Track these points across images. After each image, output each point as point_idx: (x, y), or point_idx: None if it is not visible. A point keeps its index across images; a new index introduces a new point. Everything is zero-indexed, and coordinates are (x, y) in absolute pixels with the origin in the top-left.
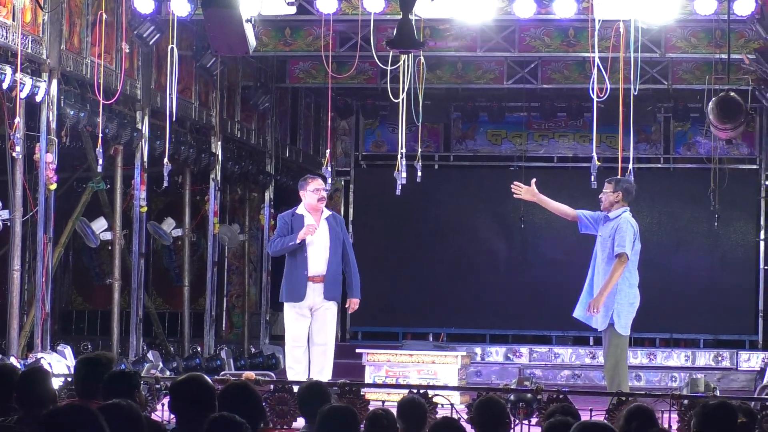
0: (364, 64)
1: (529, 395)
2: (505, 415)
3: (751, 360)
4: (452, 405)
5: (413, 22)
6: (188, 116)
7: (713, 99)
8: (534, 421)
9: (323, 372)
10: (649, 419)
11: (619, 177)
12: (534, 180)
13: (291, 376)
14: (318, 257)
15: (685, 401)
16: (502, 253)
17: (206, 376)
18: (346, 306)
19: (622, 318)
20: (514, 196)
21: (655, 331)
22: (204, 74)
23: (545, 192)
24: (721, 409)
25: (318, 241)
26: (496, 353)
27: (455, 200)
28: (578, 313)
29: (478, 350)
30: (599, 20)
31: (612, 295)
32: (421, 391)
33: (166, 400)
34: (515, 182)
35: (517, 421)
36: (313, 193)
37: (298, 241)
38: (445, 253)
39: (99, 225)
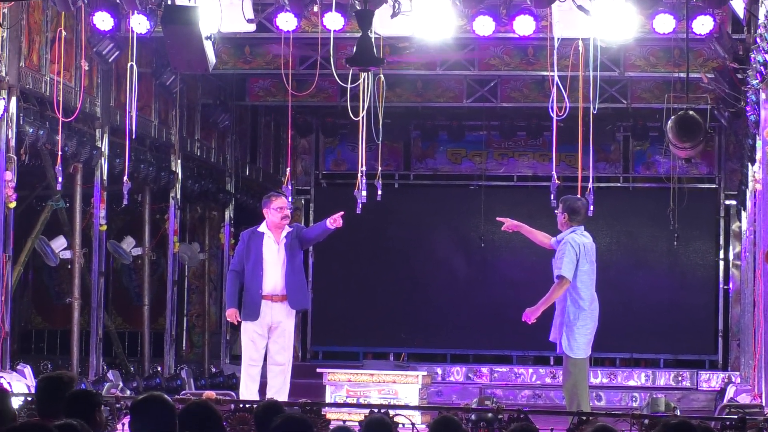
0: (324, 83)
1: (490, 415)
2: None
3: (711, 380)
4: (413, 425)
5: (372, 40)
6: (148, 134)
7: (672, 118)
8: None
9: (281, 392)
10: None
11: (566, 196)
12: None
13: (246, 395)
14: (274, 276)
15: (646, 421)
16: (462, 272)
17: (166, 396)
18: (331, 222)
19: (572, 341)
20: (503, 228)
21: (615, 351)
22: (163, 92)
23: (504, 211)
24: (681, 428)
25: (274, 261)
26: (457, 373)
27: (415, 219)
28: (552, 335)
29: (439, 370)
30: (558, 39)
31: (561, 316)
32: (383, 410)
33: (126, 420)
34: (499, 218)
35: None
36: (276, 211)
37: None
38: (406, 272)
39: (58, 243)
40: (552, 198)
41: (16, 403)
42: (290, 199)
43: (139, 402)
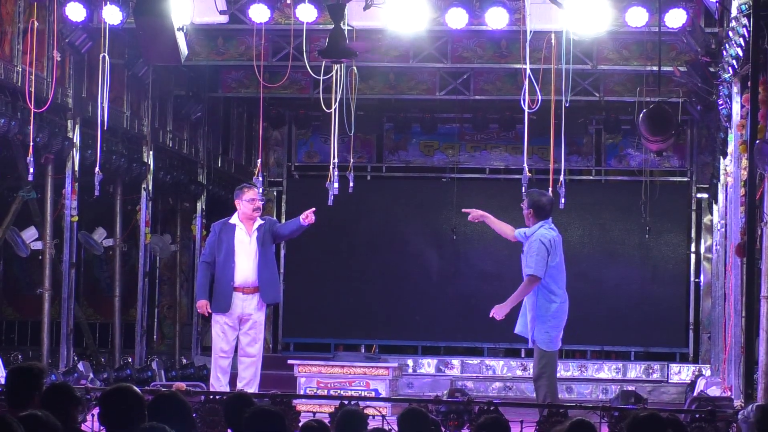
0: (296, 74)
1: (460, 407)
2: (429, 424)
3: (681, 372)
4: (383, 417)
5: (345, 32)
6: (120, 125)
7: (644, 111)
8: None
9: (251, 383)
10: None
11: (532, 190)
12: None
13: (216, 387)
14: (245, 268)
15: (616, 413)
16: (434, 264)
17: (136, 387)
18: (303, 219)
19: (543, 334)
20: (469, 218)
21: (586, 343)
22: (136, 83)
23: (477, 204)
24: (651, 420)
25: (246, 253)
26: (428, 365)
27: (387, 211)
28: (518, 328)
29: (410, 362)
30: (531, 31)
31: (533, 311)
32: (353, 402)
33: (96, 411)
34: (464, 209)
35: None
36: (248, 202)
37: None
38: (378, 265)
39: (29, 234)
40: (523, 191)
41: None
42: (261, 190)
43: (109, 393)
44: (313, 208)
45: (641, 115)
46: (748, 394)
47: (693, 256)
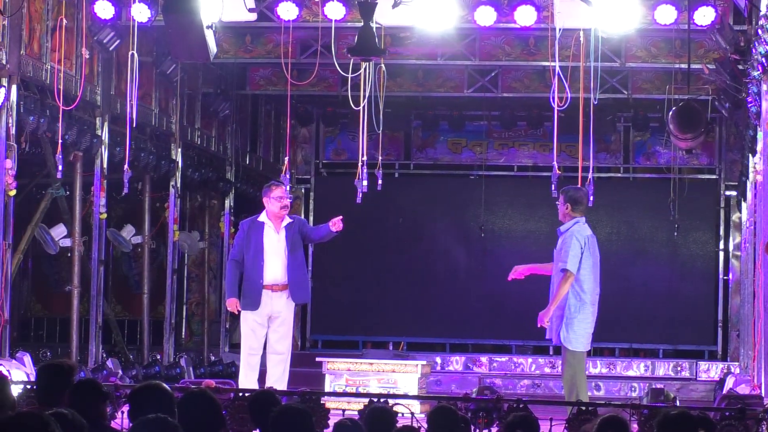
0: (324, 72)
1: (489, 404)
2: (459, 422)
3: (710, 370)
4: (413, 414)
5: (374, 30)
6: (148, 123)
7: (674, 109)
8: (495, 430)
9: (280, 381)
10: (624, 429)
11: (567, 187)
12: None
13: (245, 384)
14: (274, 266)
15: (645, 411)
16: (462, 261)
17: (165, 384)
18: (332, 226)
19: (571, 333)
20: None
21: (614, 341)
22: (164, 81)
23: (505, 201)
24: (681, 418)
25: (274, 251)
26: (456, 362)
27: (415, 208)
28: (548, 334)
29: (438, 359)
30: (560, 29)
31: (560, 309)
32: (382, 400)
33: (126, 408)
34: (509, 276)
35: (477, 431)
36: (276, 200)
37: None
38: (405, 262)
39: (58, 232)
40: (553, 188)
41: (15, 391)
42: (288, 188)
43: (138, 390)
44: (341, 216)
45: (671, 112)
46: None
47: (722, 254)
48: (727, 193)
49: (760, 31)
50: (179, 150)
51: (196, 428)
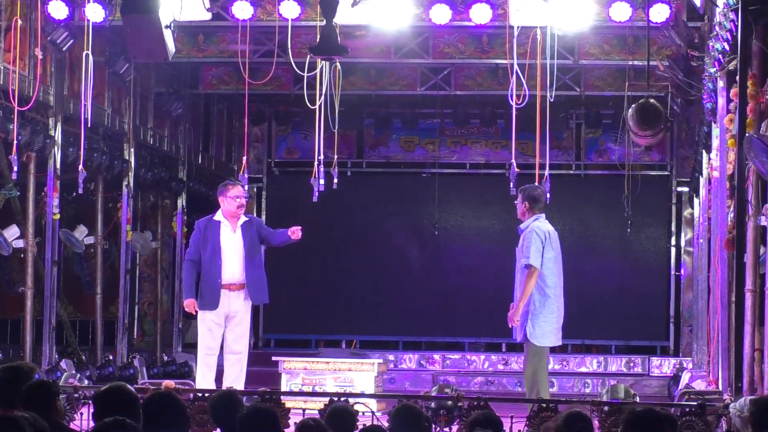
0: (276, 71)
1: (449, 403)
2: (423, 420)
3: (662, 366)
4: (373, 413)
5: (337, 29)
6: (101, 123)
7: (633, 106)
8: (455, 428)
9: (237, 380)
10: (588, 424)
11: (526, 186)
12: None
13: (203, 384)
14: (232, 265)
15: (606, 408)
16: (415, 259)
17: (129, 386)
18: (290, 233)
19: (537, 329)
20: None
21: (567, 338)
22: (117, 80)
23: (458, 198)
24: (648, 416)
25: (232, 250)
26: (409, 360)
27: (368, 207)
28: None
29: (391, 357)
30: (518, 27)
31: (525, 305)
32: (342, 399)
33: (84, 410)
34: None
35: (438, 429)
36: (232, 199)
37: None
38: (358, 260)
39: (11, 233)
40: (512, 186)
41: None
42: (246, 187)
43: (103, 393)
44: (300, 226)
45: (630, 109)
46: (738, 388)
47: (673, 250)
48: (679, 189)
49: (717, 28)
50: (132, 150)
51: (162, 429)
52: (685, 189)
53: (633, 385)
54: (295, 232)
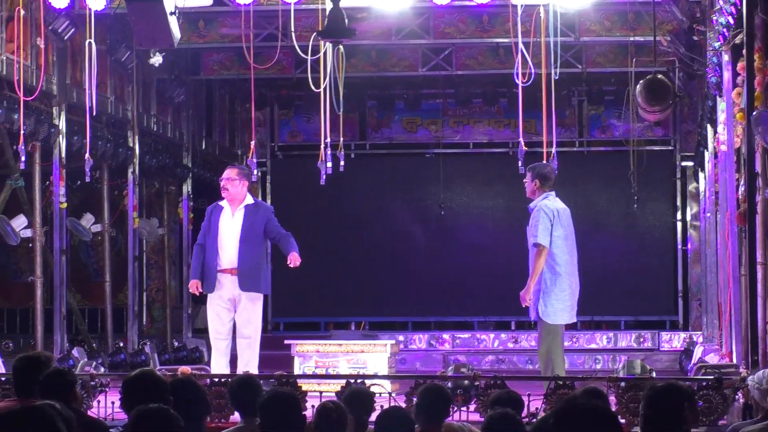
0: (279, 55)
1: (466, 382)
2: (449, 400)
3: (672, 340)
4: (390, 394)
5: (343, 12)
6: (105, 111)
7: (641, 82)
8: (472, 407)
9: (250, 364)
10: (605, 401)
11: (535, 164)
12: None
13: (216, 369)
14: (229, 249)
15: (623, 383)
16: (422, 240)
17: (157, 372)
18: (288, 262)
19: (549, 307)
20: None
21: (577, 314)
22: (119, 68)
23: (462, 178)
24: (670, 390)
25: (229, 234)
26: (419, 340)
27: (373, 189)
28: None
29: (401, 338)
30: (522, 6)
31: (537, 284)
32: (358, 381)
33: (101, 397)
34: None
35: (456, 408)
36: (219, 182)
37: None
38: (365, 242)
39: (19, 222)
40: (520, 165)
41: None
42: (255, 171)
43: (132, 380)
44: (299, 258)
45: (638, 85)
46: (754, 361)
47: (679, 224)
48: (683, 163)
49: (720, 2)
50: (136, 137)
51: (185, 415)
52: (690, 163)
53: (644, 360)
54: (294, 263)
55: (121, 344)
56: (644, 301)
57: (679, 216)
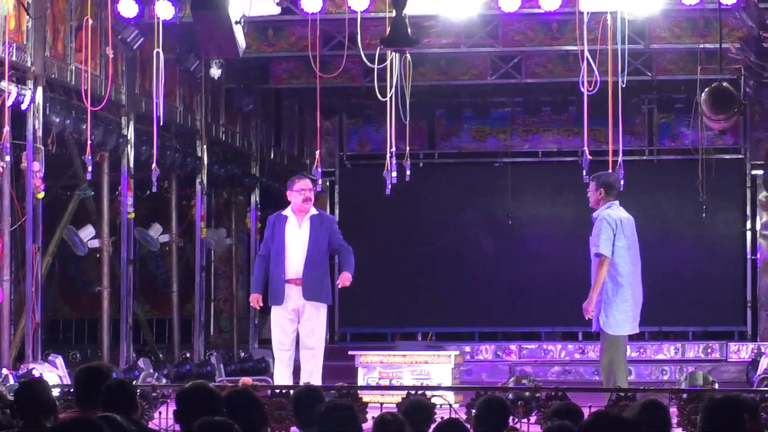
0: (346, 63)
1: (527, 393)
2: (509, 413)
3: (740, 351)
4: (450, 405)
5: (407, 21)
6: (173, 120)
7: (706, 90)
8: (533, 419)
9: (312, 376)
10: (666, 413)
11: (599, 173)
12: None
13: (279, 380)
14: (295, 260)
15: (684, 395)
16: (490, 249)
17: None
18: (337, 282)
19: (610, 318)
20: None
21: (643, 325)
22: (188, 77)
23: (531, 187)
24: (728, 403)
25: (296, 244)
26: (486, 351)
27: (441, 198)
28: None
29: (467, 348)
30: (588, 13)
31: (599, 294)
32: (420, 392)
33: (163, 409)
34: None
35: (516, 420)
36: (298, 193)
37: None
38: (432, 252)
39: (87, 233)
40: (584, 173)
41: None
42: (320, 182)
43: (186, 391)
44: (350, 279)
45: (703, 93)
46: None
47: (749, 234)
48: (753, 172)
49: None
50: (204, 147)
51: (242, 427)
52: (760, 172)
53: (711, 371)
54: (342, 282)
55: (188, 355)
56: (712, 312)
57: (748, 225)
